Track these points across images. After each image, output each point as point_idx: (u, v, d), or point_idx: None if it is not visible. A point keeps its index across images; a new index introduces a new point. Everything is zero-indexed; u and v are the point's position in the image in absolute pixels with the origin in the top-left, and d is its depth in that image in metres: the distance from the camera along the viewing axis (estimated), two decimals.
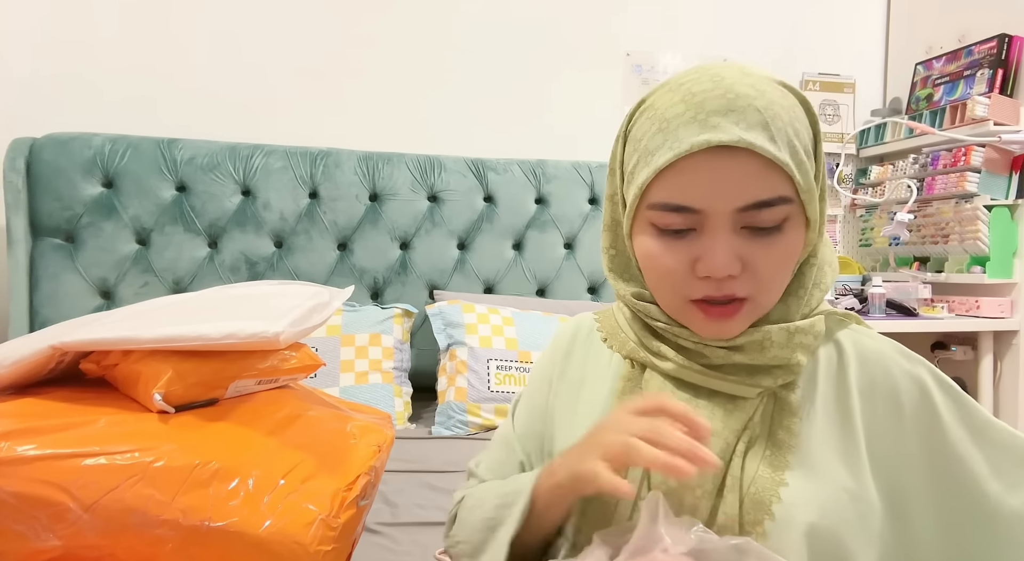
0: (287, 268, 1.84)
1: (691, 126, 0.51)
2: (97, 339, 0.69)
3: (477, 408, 1.60)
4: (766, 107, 0.51)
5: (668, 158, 0.52)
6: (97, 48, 1.87)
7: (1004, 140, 1.91)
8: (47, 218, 1.68)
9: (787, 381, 0.58)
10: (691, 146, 0.51)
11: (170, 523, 0.61)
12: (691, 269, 0.54)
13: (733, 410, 0.57)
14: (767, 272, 0.54)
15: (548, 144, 2.17)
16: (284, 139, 1.91)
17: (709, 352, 0.58)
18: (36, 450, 0.60)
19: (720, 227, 0.52)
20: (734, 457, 0.55)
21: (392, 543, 1.03)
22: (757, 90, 0.52)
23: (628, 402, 0.54)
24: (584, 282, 2.06)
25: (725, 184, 0.51)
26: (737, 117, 0.51)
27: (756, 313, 0.56)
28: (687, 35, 2.31)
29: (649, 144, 0.54)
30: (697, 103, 0.52)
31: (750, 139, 0.50)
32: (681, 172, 0.52)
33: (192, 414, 0.70)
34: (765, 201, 0.52)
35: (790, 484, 0.54)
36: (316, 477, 0.69)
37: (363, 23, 2.06)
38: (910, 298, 2.04)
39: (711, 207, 0.52)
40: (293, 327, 0.74)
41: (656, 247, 0.55)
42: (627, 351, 0.64)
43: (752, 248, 0.53)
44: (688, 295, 0.55)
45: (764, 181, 0.52)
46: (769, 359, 0.57)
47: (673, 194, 0.53)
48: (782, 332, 0.57)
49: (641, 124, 0.56)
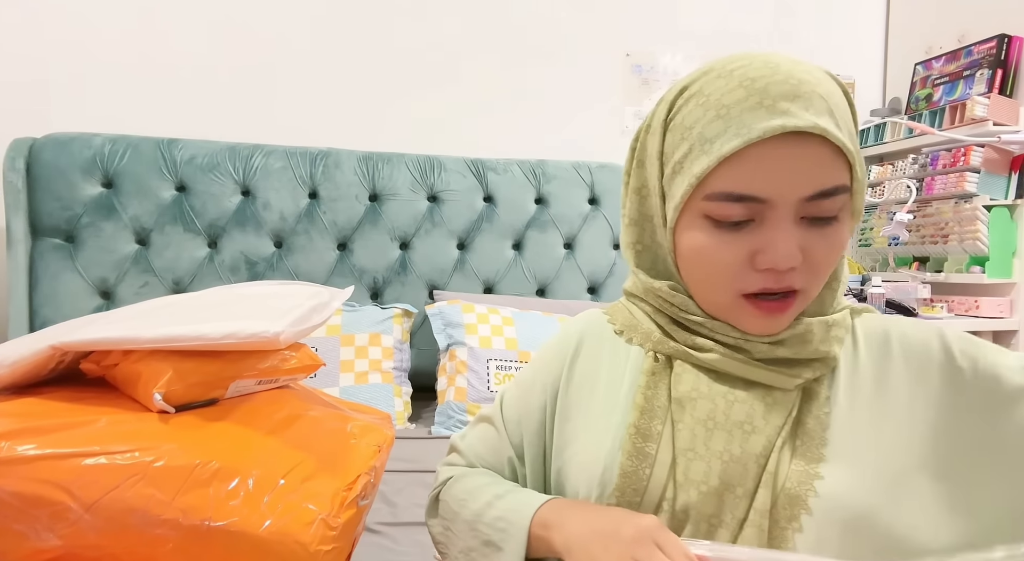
0: (287, 268, 1.84)
1: (758, 112, 0.49)
2: (97, 339, 0.69)
3: (477, 408, 1.60)
4: (827, 94, 0.51)
5: (735, 145, 0.49)
6: (97, 48, 1.87)
7: (1003, 140, 1.91)
8: (47, 218, 1.68)
9: (822, 373, 0.57)
10: (763, 132, 0.48)
11: (170, 523, 0.61)
12: (748, 262, 0.53)
13: (773, 404, 0.56)
14: (823, 263, 0.53)
15: (548, 144, 2.17)
16: (284, 139, 1.92)
17: (751, 347, 0.57)
18: (36, 450, 0.60)
19: (785, 217, 0.51)
20: (773, 452, 0.54)
21: (392, 543, 1.03)
22: (814, 77, 0.51)
23: (660, 532, 0.51)
24: (584, 282, 2.06)
25: (794, 172, 0.50)
26: (805, 103, 0.49)
27: (803, 306, 0.56)
28: (687, 35, 2.31)
29: (706, 132, 0.51)
30: (760, 88, 0.50)
31: (823, 125, 0.49)
32: (747, 160, 0.50)
33: (192, 414, 0.70)
34: (829, 190, 0.51)
35: (825, 477, 0.52)
36: (316, 477, 0.69)
37: (363, 23, 2.06)
38: (909, 298, 2.04)
39: (778, 196, 0.50)
40: (293, 327, 0.74)
41: (710, 240, 0.53)
42: (652, 344, 0.62)
43: (811, 239, 0.52)
44: (742, 289, 0.54)
45: (831, 169, 0.50)
46: (810, 352, 0.56)
47: (737, 183, 0.51)
48: (821, 325, 0.56)
49: (689, 111, 0.53)
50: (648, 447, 0.57)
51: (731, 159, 0.50)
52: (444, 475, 0.70)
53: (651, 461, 0.57)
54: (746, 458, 0.54)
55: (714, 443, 0.56)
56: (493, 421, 0.70)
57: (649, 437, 0.57)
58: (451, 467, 0.72)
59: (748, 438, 0.55)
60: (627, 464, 0.57)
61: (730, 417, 0.56)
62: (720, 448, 0.55)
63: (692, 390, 0.58)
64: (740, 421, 0.56)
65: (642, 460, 0.57)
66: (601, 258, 2.07)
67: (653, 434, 0.58)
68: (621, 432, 0.59)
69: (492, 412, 0.71)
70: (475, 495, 0.64)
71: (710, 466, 0.55)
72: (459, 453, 0.72)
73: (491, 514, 0.61)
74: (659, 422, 0.58)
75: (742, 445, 0.55)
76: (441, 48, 2.12)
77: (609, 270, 2.08)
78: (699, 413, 0.57)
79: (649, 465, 0.57)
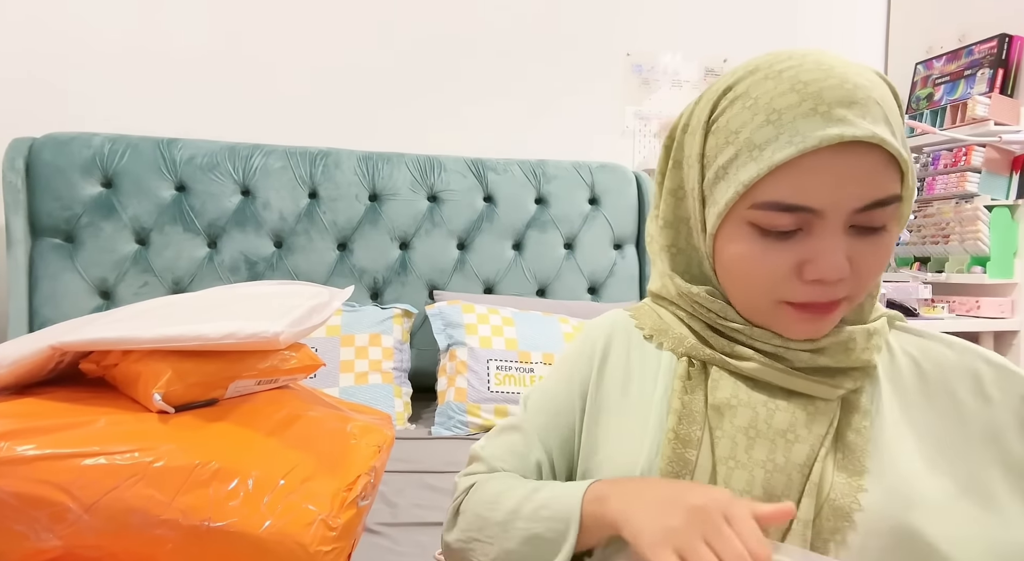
0: (287, 268, 1.84)
1: (812, 119, 0.47)
2: (97, 339, 0.69)
3: (477, 408, 1.59)
4: (882, 99, 0.49)
5: (789, 153, 0.47)
6: (97, 48, 1.87)
7: (1004, 140, 1.91)
8: (47, 218, 1.68)
9: (863, 383, 0.56)
10: (820, 141, 0.46)
11: (170, 523, 0.60)
12: (795, 272, 0.51)
13: (815, 413, 0.54)
14: (870, 272, 0.52)
15: (548, 144, 2.17)
16: (284, 139, 1.91)
17: (791, 355, 0.55)
18: (36, 450, 0.60)
19: (835, 228, 0.49)
20: (816, 462, 0.53)
21: (392, 543, 1.02)
22: (868, 81, 0.49)
23: (733, 506, 0.48)
24: (584, 282, 2.06)
25: (849, 182, 0.48)
26: (861, 110, 0.47)
27: (847, 310, 0.54)
28: (687, 35, 2.31)
29: (755, 137, 0.49)
30: (813, 93, 0.48)
31: (882, 135, 0.47)
32: (800, 169, 0.48)
33: (192, 414, 0.70)
34: (882, 200, 0.49)
35: (869, 490, 0.51)
36: (316, 477, 0.69)
37: (363, 23, 2.06)
38: (910, 298, 2.04)
39: (831, 207, 0.48)
40: (293, 327, 0.74)
41: (754, 249, 0.51)
42: (685, 349, 0.60)
43: (859, 248, 0.50)
44: (786, 298, 0.52)
45: (885, 179, 0.49)
46: (852, 361, 0.55)
47: (789, 193, 0.48)
48: (863, 333, 0.55)
49: (736, 114, 0.51)
50: (688, 453, 0.56)
51: (782, 167, 0.48)
52: (464, 484, 0.66)
53: (691, 468, 0.55)
54: (790, 468, 0.53)
55: (756, 452, 0.54)
56: (519, 427, 0.67)
57: (689, 443, 0.56)
58: (471, 476, 0.67)
59: (791, 447, 0.54)
60: (667, 470, 0.55)
61: (772, 426, 0.54)
62: (763, 457, 0.54)
63: (731, 397, 0.56)
64: (783, 430, 0.54)
65: (682, 467, 0.55)
66: (601, 258, 2.07)
67: (693, 440, 0.56)
68: (659, 437, 0.57)
69: (517, 418, 0.68)
70: (507, 494, 0.60)
71: (753, 475, 0.54)
72: (481, 461, 0.67)
73: (530, 507, 0.57)
74: (698, 428, 0.56)
75: (785, 455, 0.53)
76: (441, 48, 2.12)
77: (609, 270, 2.07)
78: (739, 421, 0.55)
79: (689, 472, 0.55)
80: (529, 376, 1.64)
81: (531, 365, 1.66)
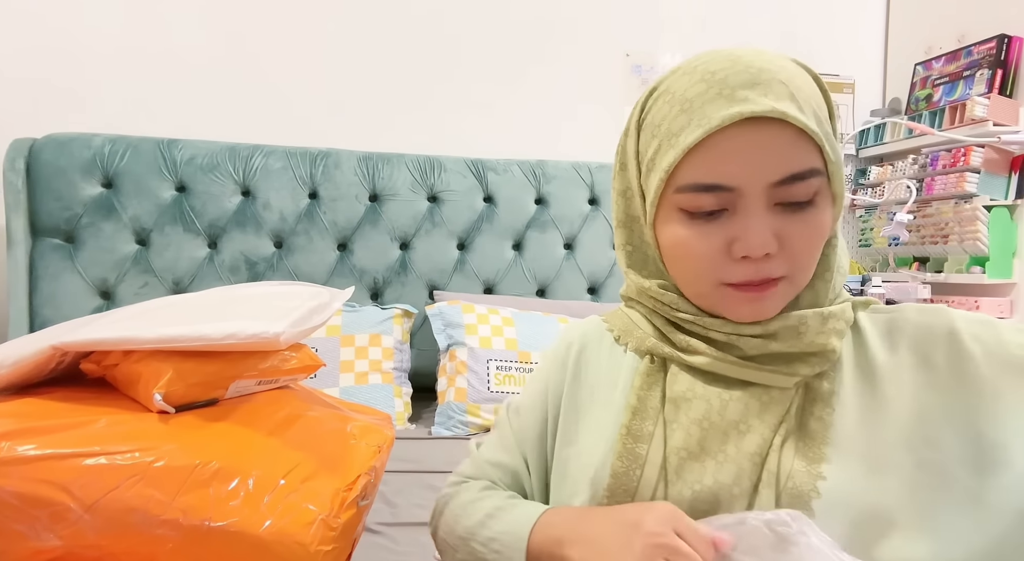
0: (287, 268, 1.84)
1: (717, 102, 0.50)
2: (97, 339, 0.69)
3: (477, 408, 1.60)
4: (789, 79, 0.51)
5: (697, 136, 0.50)
6: (97, 48, 1.87)
7: (1003, 140, 1.91)
8: (47, 218, 1.68)
9: (822, 369, 0.56)
10: (722, 120, 0.49)
11: (170, 523, 0.60)
12: (726, 252, 0.52)
13: (769, 403, 0.55)
14: (802, 249, 0.52)
15: (548, 144, 2.17)
16: (284, 139, 1.92)
17: (743, 343, 0.56)
18: (36, 450, 0.60)
19: (755, 204, 0.51)
20: (771, 452, 0.53)
21: (392, 543, 1.03)
22: (776, 65, 0.51)
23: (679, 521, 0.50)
24: (584, 282, 2.06)
25: (759, 158, 0.50)
26: (764, 89, 0.49)
27: (791, 293, 0.55)
28: (687, 35, 2.31)
29: (671, 126, 0.52)
30: (720, 80, 0.50)
31: (782, 109, 0.49)
32: (710, 149, 0.50)
33: (192, 414, 0.70)
34: (798, 174, 0.50)
35: (828, 478, 0.52)
36: (316, 477, 0.69)
37: (363, 23, 2.06)
38: (910, 298, 2.04)
39: (745, 183, 0.50)
40: (294, 328, 0.74)
41: (686, 233, 0.53)
42: (647, 347, 0.61)
43: (787, 225, 0.51)
44: (722, 279, 0.53)
45: (797, 153, 0.50)
46: (805, 346, 0.55)
47: (704, 173, 0.51)
48: (817, 317, 0.55)
49: (657, 109, 0.55)
50: (639, 448, 0.57)
51: (696, 150, 0.51)
52: (449, 483, 0.71)
53: (641, 462, 0.57)
54: (741, 457, 0.54)
55: (709, 443, 0.55)
56: (501, 427, 0.71)
57: (640, 438, 0.57)
58: (456, 476, 0.72)
59: (743, 437, 0.54)
60: (617, 465, 0.57)
61: (725, 417, 0.55)
62: (715, 448, 0.55)
63: (687, 391, 0.58)
64: (735, 421, 0.55)
65: (632, 461, 0.57)
66: (601, 258, 2.07)
67: (644, 435, 0.57)
68: (614, 433, 0.59)
69: (501, 417, 0.72)
70: (471, 509, 0.64)
71: (704, 466, 0.55)
72: (470, 459, 0.72)
73: (484, 535, 0.61)
74: (651, 423, 0.58)
75: (737, 444, 0.54)
76: (441, 48, 2.12)
77: (609, 270, 2.08)
78: (694, 413, 0.56)
79: (640, 466, 0.56)
80: (529, 376, 1.64)
81: (531, 365, 1.66)
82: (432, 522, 0.70)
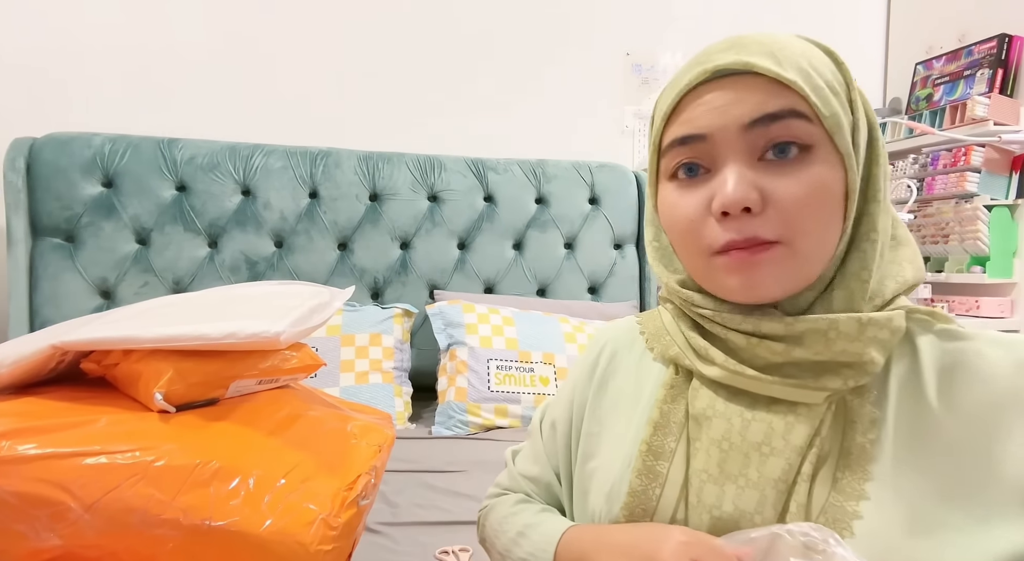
0: (287, 268, 1.84)
1: (694, 69, 0.51)
2: (98, 338, 0.69)
3: (477, 408, 1.60)
4: (772, 42, 0.50)
5: (672, 99, 0.52)
6: (97, 48, 1.87)
7: (1004, 140, 1.91)
8: (47, 218, 1.68)
9: (858, 384, 0.49)
10: (689, 80, 0.50)
11: (171, 522, 0.60)
12: (707, 210, 0.50)
13: (795, 423, 0.49)
14: (791, 205, 0.47)
15: (548, 144, 2.17)
16: (284, 139, 1.91)
17: (763, 349, 0.50)
18: (37, 449, 0.60)
19: (731, 153, 0.49)
20: (799, 480, 0.48)
21: (392, 543, 1.03)
22: (769, 36, 0.51)
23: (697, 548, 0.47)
24: (584, 282, 2.06)
25: (730, 105, 0.49)
26: (739, 49, 0.50)
27: (792, 263, 0.48)
28: (687, 35, 2.31)
29: (661, 104, 0.55)
30: (704, 52, 0.52)
31: (750, 60, 0.48)
32: (684, 108, 0.52)
33: (193, 413, 0.70)
34: (772, 113, 0.47)
35: (865, 517, 0.46)
36: (317, 477, 0.69)
37: (363, 23, 2.06)
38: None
39: (716, 129, 0.49)
40: (294, 327, 0.74)
41: (674, 198, 0.53)
42: (671, 355, 0.58)
43: (772, 178, 0.47)
44: (711, 246, 0.49)
45: (770, 97, 0.48)
46: (836, 354, 0.48)
47: (678, 129, 0.52)
48: (851, 322, 0.48)
49: (661, 96, 0.57)
50: (659, 466, 0.54)
51: (674, 113, 0.52)
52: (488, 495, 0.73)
53: (661, 481, 0.54)
54: (763, 483, 0.49)
55: (729, 466, 0.51)
56: (534, 437, 0.71)
57: (661, 455, 0.54)
58: (494, 488, 0.73)
59: (766, 461, 0.49)
60: (636, 482, 0.54)
61: (746, 438, 0.50)
62: (735, 472, 0.50)
63: (707, 408, 0.53)
64: (757, 443, 0.50)
65: (652, 479, 0.54)
66: (601, 258, 2.07)
67: (666, 452, 0.54)
68: (634, 449, 0.56)
69: (533, 426, 0.72)
70: (504, 528, 0.65)
71: (723, 490, 0.50)
72: (507, 469, 0.73)
73: (517, 555, 0.61)
74: (673, 440, 0.54)
75: (759, 469, 0.49)
76: (441, 48, 2.12)
77: (610, 270, 2.08)
78: (714, 433, 0.52)
79: (660, 485, 0.54)
80: (529, 376, 1.64)
81: (531, 365, 1.66)
82: (479, 534, 0.71)
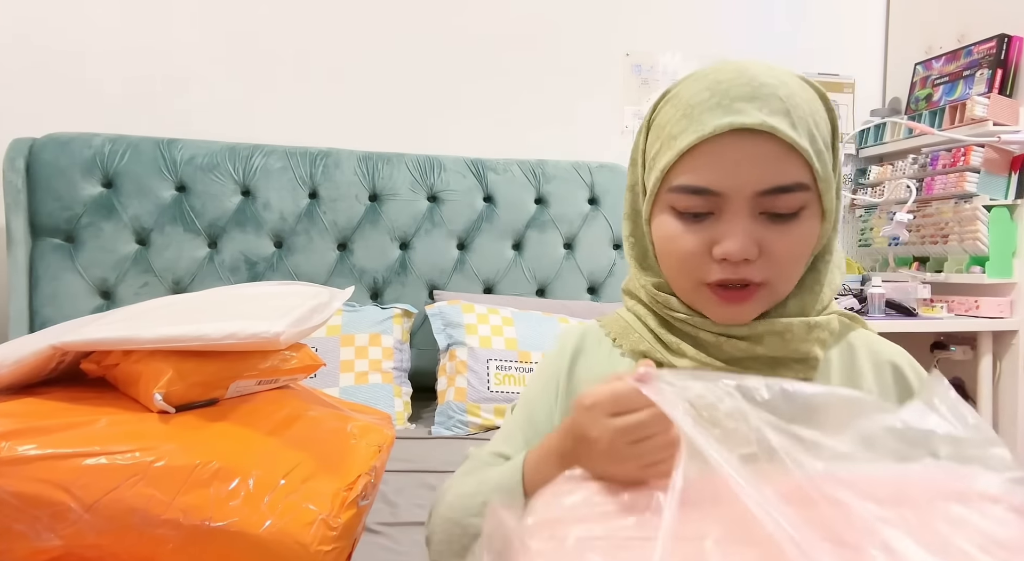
0: (287, 268, 1.84)
1: (715, 111, 0.53)
2: (98, 339, 0.70)
3: (477, 408, 1.60)
4: (788, 96, 0.53)
5: (691, 140, 0.53)
6: (97, 48, 1.87)
7: (1003, 140, 1.92)
8: (47, 218, 1.68)
9: (806, 376, 0.59)
10: (714, 128, 0.52)
11: (171, 523, 0.61)
12: (708, 252, 0.55)
13: None
14: (783, 258, 0.55)
15: (548, 144, 2.17)
16: (284, 139, 1.91)
17: (729, 346, 0.58)
18: (37, 450, 0.60)
19: (739, 211, 0.53)
20: None
21: (392, 543, 1.03)
22: (780, 81, 0.54)
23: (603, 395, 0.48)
24: (584, 282, 2.06)
25: (747, 167, 0.53)
26: (760, 104, 0.52)
27: (770, 300, 0.57)
28: (687, 35, 2.31)
29: (673, 129, 0.56)
30: (722, 90, 0.53)
31: (772, 123, 0.51)
32: (703, 155, 0.54)
33: (193, 414, 0.70)
34: (784, 186, 0.53)
35: None
36: (316, 477, 0.69)
37: (363, 23, 2.06)
38: (909, 298, 2.04)
39: (731, 190, 0.53)
40: (293, 327, 0.74)
41: (675, 229, 0.56)
42: (642, 350, 0.63)
43: (769, 234, 0.54)
44: (703, 278, 0.56)
45: (784, 166, 0.53)
46: (790, 351, 0.58)
47: (695, 177, 0.54)
48: (802, 325, 0.58)
49: (665, 112, 0.58)
50: None
51: (690, 154, 0.54)
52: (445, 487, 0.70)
53: None
54: None
55: None
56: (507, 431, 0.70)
57: None
58: None
59: None
60: None
61: None
62: None
63: None
64: None
65: None
66: (601, 258, 2.07)
67: None
68: None
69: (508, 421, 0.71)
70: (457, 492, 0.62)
71: None
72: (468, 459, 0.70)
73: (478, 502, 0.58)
74: None
75: None
76: (441, 48, 2.12)
77: (609, 270, 2.08)
78: None
79: None
80: (528, 376, 1.64)
81: (531, 365, 1.66)
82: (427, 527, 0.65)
